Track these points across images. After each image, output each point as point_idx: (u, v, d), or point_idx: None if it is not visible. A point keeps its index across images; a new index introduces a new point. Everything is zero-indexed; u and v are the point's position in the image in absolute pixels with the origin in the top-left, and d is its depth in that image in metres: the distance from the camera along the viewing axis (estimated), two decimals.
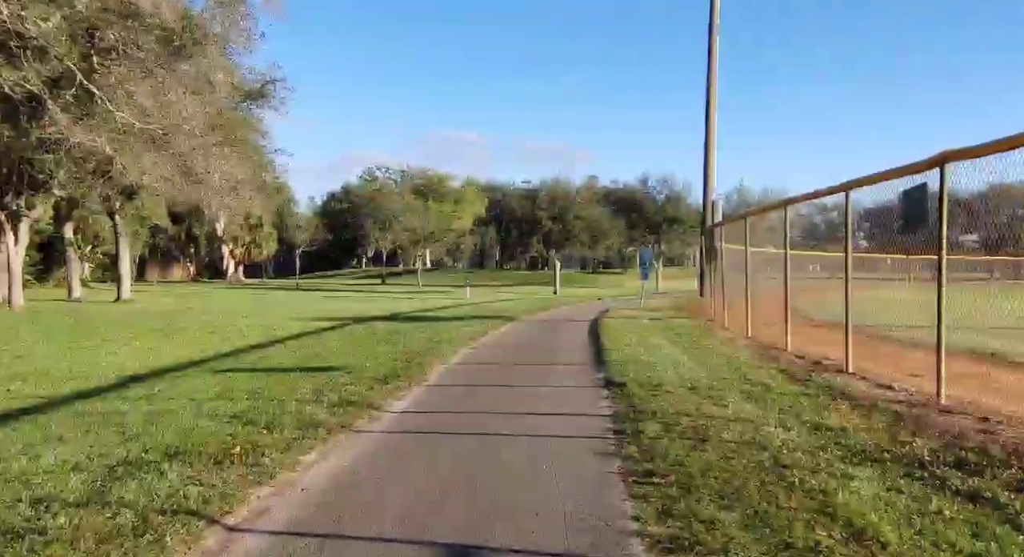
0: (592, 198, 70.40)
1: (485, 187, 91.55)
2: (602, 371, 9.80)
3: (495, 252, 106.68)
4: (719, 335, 14.28)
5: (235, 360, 12.07)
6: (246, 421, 6.65)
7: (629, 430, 5.97)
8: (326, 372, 9.96)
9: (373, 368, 10.22)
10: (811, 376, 8.61)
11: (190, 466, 5.15)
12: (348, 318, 21.67)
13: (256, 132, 29.17)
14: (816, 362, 9.92)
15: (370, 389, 8.48)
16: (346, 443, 6.06)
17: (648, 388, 7.92)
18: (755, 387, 7.92)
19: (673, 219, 65.56)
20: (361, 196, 75.87)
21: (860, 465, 4.79)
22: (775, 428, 5.83)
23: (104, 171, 19.49)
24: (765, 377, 8.64)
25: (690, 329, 15.58)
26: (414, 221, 60.98)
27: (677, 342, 13.06)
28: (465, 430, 6.47)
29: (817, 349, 11.27)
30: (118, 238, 29.48)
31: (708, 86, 32.12)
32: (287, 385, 8.78)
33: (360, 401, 7.70)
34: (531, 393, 8.34)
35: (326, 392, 8.26)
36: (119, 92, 13.78)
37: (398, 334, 15.48)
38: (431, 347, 12.74)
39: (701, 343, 12.84)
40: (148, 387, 9.00)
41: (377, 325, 18.35)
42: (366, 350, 12.50)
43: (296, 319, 21.66)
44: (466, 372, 10.37)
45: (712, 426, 5.93)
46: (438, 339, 14.16)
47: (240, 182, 20.79)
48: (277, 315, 23.89)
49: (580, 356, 11.91)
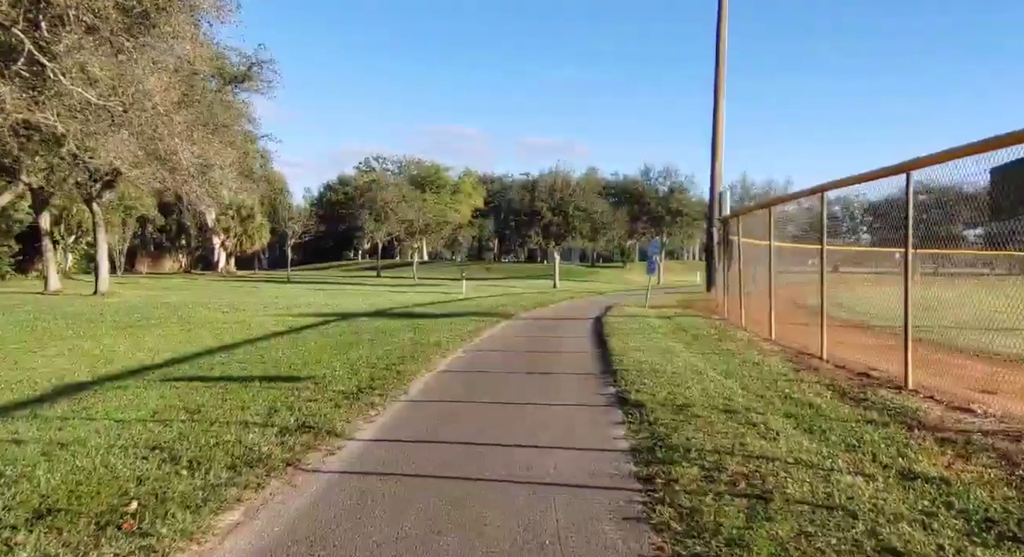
0: (593, 189, 68.76)
1: (483, 179, 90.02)
2: (612, 383, 8.37)
3: (493, 245, 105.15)
4: (739, 337, 12.86)
5: (194, 365, 10.64)
6: (167, 456, 5.23)
7: (659, 477, 4.53)
8: (291, 382, 8.54)
9: (346, 377, 8.80)
10: (865, 394, 7.17)
11: (56, 536, 3.73)
12: (333, 314, 20.24)
13: (242, 117, 27.67)
14: (862, 374, 8.49)
15: (336, 407, 7.06)
16: (286, 493, 4.63)
17: (672, 409, 6.49)
18: (802, 409, 6.49)
19: (676, 211, 63.89)
20: (357, 187, 74.32)
21: (999, 548, 3.36)
22: (852, 477, 4.41)
23: (74, 156, 18.02)
24: (810, 394, 7.21)
25: (705, 330, 14.16)
26: (410, 212, 59.41)
27: (693, 345, 11.64)
28: (444, 472, 5.03)
29: (857, 356, 9.85)
30: (96, 228, 27.98)
31: (716, 70, 30.63)
32: (239, 400, 7.35)
33: (320, 425, 6.27)
34: (528, 414, 6.90)
35: (282, 411, 6.84)
36: (71, 63, 12.32)
37: (383, 334, 14.05)
38: (416, 351, 11.31)
39: (721, 347, 11.41)
40: (74, 403, 7.55)
41: (362, 323, 16.91)
42: (343, 353, 11.08)
43: (277, 315, 20.22)
44: (453, 383, 8.94)
45: (768, 474, 4.50)
46: (426, 340, 12.73)
47: (210, 166, 19.30)
48: (259, 310, 22.45)
49: (585, 362, 10.48)
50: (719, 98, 30.62)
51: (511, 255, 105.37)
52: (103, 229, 28.02)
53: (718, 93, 30.60)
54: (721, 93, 30.66)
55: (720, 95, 30.66)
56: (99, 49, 12.42)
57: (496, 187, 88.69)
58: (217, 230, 63.66)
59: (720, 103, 30.66)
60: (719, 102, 30.62)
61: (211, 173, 21.68)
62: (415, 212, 59.43)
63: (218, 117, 24.49)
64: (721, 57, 30.53)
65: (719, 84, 30.54)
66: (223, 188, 25.26)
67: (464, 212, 75.74)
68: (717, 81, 30.58)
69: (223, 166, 24.54)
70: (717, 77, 30.57)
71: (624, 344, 11.81)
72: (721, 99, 30.67)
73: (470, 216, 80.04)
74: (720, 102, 30.66)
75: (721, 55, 30.52)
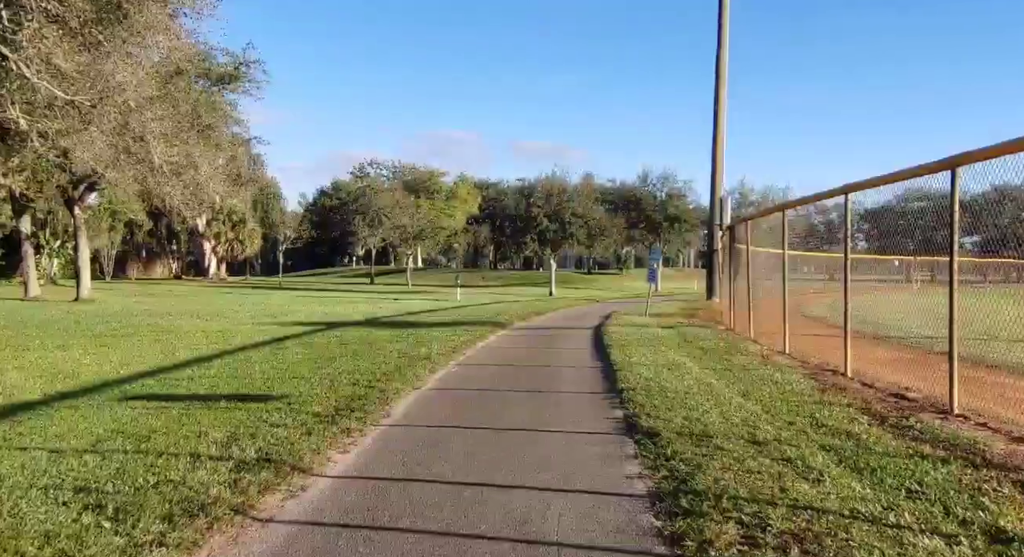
0: (589, 195, 67.82)
1: (479, 184, 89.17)
2: (619, 404, 7.51)
3: (488, 251, 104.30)
4: (750, 350, 12.01)
5: (161, 380, 9.74)
6: (93, 501, 4.36)
7: (688, 537, 3.66)
8: (262, 402, 7.67)
9: (323, 397, 7.93)
10: (907, 420, 6.32)
11: None
12: (321, 323, 19.35)
13: (228, 118, 26.78)
14: (896, 395, 7.65)
15: (307, 433, 6.18)
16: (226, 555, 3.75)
17: (691, 440, 5.63)
18: (841, 440, 5.63)
19: (674, 218, 62.99)
20: (351, 192, 73.40)
21: None
22: (929, 538, 3.55)
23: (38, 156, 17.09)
24: (844, 421, 6.35)
25: (712, 341, 13.32)
26: (403, 218, 58.46)
27: (703, 360, 10.78)
28: (425, 524, 4.16)
29: (881, 372, 9.03)
30: (77, 232, 27.04)
31: (716, 72, 29.89)
32: (198, 425, 6.48)
33: (284, 457, 5.41)
34: (526, 445, 6.03)
35: (243, 439, 5.96)
36: (33, 53, 11.43)
37: (370, 346, 13.18)
38: (404, 365, 10.44)
39: (733, 362, 10.56)
40: (10, 427, 6.67)
41: (349, 332, 16.02)
42: (324, 368, 10.21)
43: (262, 323, 19.31)
44: (442, 404, 8.07)
45: (823, 533, 3.64)
46: (415, 353, 11.86)
47: (188, 167, 18.38)
48: (243, 318, 21.55)
49: (587, 379, 9.62)
50: (720, 101, 29.88)
51: (507, 262, 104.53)
52: (84, 233, 27.07)
53: (719, 96, 29.86)
54: (722, 97, 29.92)
55: (721, 98, 29.92)
56: (65, 40, 11.57)
57: (492, 193, 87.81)
58: (208, 235, 62.57)
59: (721, 106, 29.92)
60: (720, 105, 29.88)
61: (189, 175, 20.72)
62: (409, 218, 58.49)
63: (203, 118, 23.61)
64: (722, 60, 29.80)
65: (720, 87, 29.82)
66: (211, 191, 24.34)
67: (459, 218, 74.77)
68: (718, 84, 29.85)
69: (208, 168, 23.66)
70: (717, 80, 29.85)
71: (627, 357, 10.96)
72: (722, 102, 29.93)
73: (465, 222, 79.15)
74: (721, 105, 29.91)
75: (722, 58, 29.80)
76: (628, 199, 66.14)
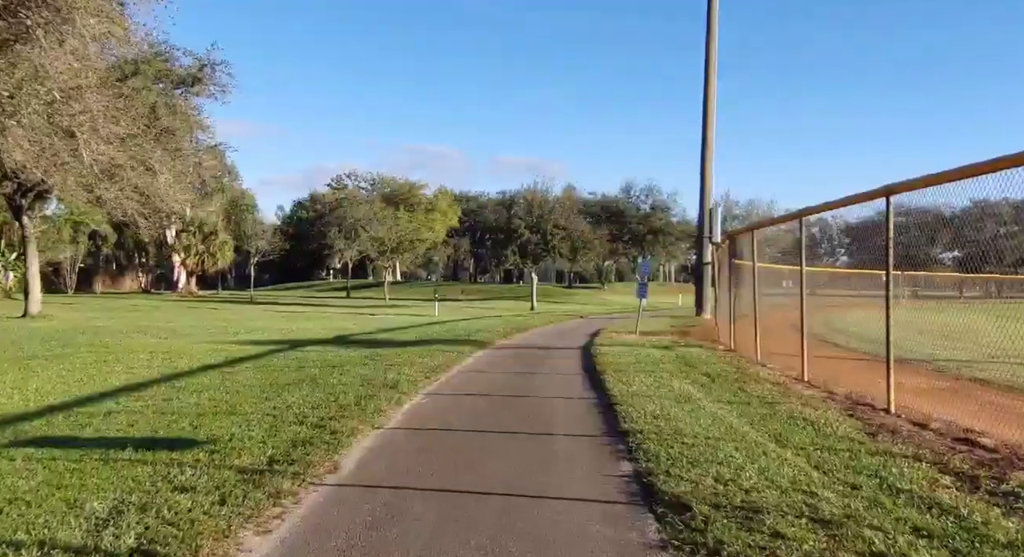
0: (572, 206, 66.31)
1: (459, 197, 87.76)
2: (626, 455, 6.02)
3: (469, 265, 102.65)
4: (762, 376, 10.59)
5: (72, 416, 8.10)
6: None
7: None
8: (180, 450, 6.11)
9: (258, 442, 6.39)
10: (1006, 483, 4.89)
11: None
12: (284, 342, 17.73)
13: (192, 123, 25.08)
14: (966, 441, 6.21)
15: (219, 502, 4.65)
16: None
17: (735, 518, 4.15)
18: (936, 518, 4.18)
19: (658, 230, 61.58)
20: (327, 204, 71.57)
21: None
22: None
23: None
24: (924, 484, 4.90)
25: (717, 365, 11.89)
26: (381, 230, 56.72)
27: (714, 390, 9.33)
28: None
29: (929, 406, 7.63)
30: (26, 243, 25.15)
31: (706, 72, 28.73)
32: (80, 489, 4.93)
33: (173, 549, 3.86)
34: (509, 525, 4.51)
35: (129, 513, 4.42)
36: None
37: (332, 369, 11.63)
38: (366, 395, 8.90)
39: (749, 392, 9.13)
40: None
41: (311, 353, 14.41)
42: (271, 400, 8.65)
43: (219, 342, 17.64)
44: (404, 451, 6.53)
45: None
46: (381, 379, 10.33)
47: (119, 166, 16.69)
48: (202, 336, 19.86)
49: (582, 416, 8.12)
50: (708, 106, 28.73)
51: (487, 275, 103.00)
52: (33, 244, 25.18)
53: (707, 100, 28.71)
54: (711, 100, 28.78)
55: (710, 101, 28.77)
56: None
57: (472, 205, 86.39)
58: (177, 248, 60.32)
59: (710, 112, 28.77)
60: (709, 111, 28.73)
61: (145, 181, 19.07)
62: (387, 230, 56.77)
63: (162, 120, 22.00)
64: (711, 61, 28.67)
65: (708, 89, 28.66)
66: (171, 201, 22.67)
67: (439, 230, 73.19)
68: (707, 85, 28.70)
69: (168, 175, 22.05)
70: (707, 80, 28.70)
71: (626, 386, 9.49)
72: (711, 107, 28.78)
73: (445, 235, 77.56)
74: (710, 110, 28.76)
75: (711, 58, 28.67)
76: (611, 211, 64.65)
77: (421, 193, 79.51)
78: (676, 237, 64.99)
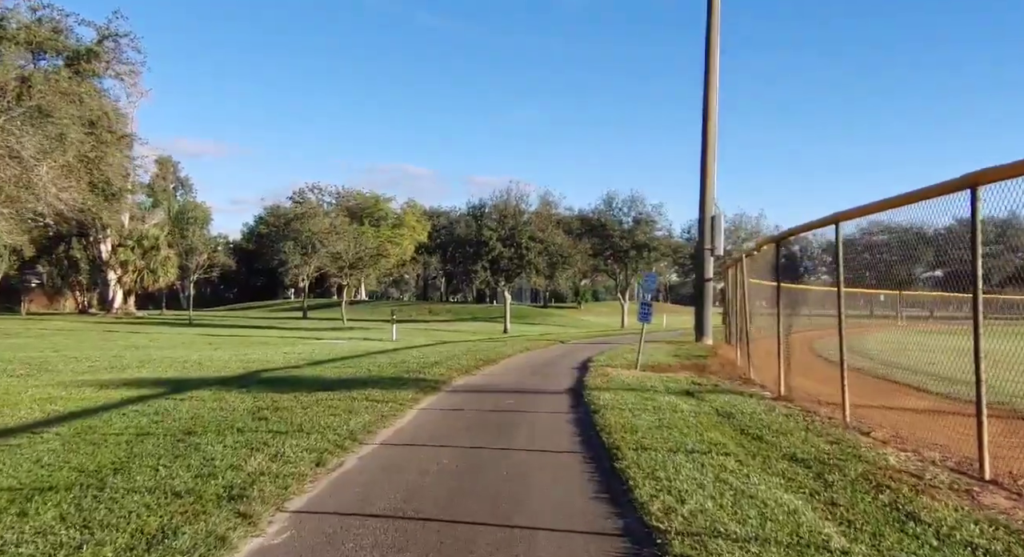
0: (549, 218, 61.63)
1: (429, 212, 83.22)
2: None
3: (440, 283, 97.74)
4: (892, 464, 6.30)
5: None
6: None
7: None
8: None
9: None
10: None
11: None
12: (169, 382, 13.19)
13: (84, 106, 20.47)
14: None
15: None
16: None
17: None
18: None
19: (642, 245, 57.25)
20: (282, 216, 66.52)
21: None
22: None
23: None
24: None
25: (794, 436, 7.54)
26: (339, 244, 51.90)
27: (815, 489, 5.05)
28: None
29: None
30: None
31: (707, 64, 24.84)
32: None
33: None
34: None
35: None
36: None
37: (194, 436, 7.23)
38: (247, 484, 4.55)
39: (881, 499, 4.84)
40: None
41: (184, 405, 9.83)
42: (113, 488, 4.23)
43: (86, 383, 13.02)
44: None
45: None
46: (280, 452, 6.04)
47: None
48: (72, 371, 15.24)
49: None
50: (709, 100, 24.80)
51: (460, 295, 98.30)
52: None
53: (708, 93, 24.78)
54: (712, 94, 24.85)
55: (711, 95, 24.84)
56: None
57: (443, 221, 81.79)
58: (113, 264, 54.85)
59: (711, 107, 24.83)
60: (709, 102, 24.79)
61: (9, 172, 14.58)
62: (345, 244, 51.97)
63: (34, 100, 17.46)
64: (712, 57, 24.79)
65: (710, 79, 24.75)
66: (49, 197, 18.09)
67: (406, 246, 68.46)
68: (707, 78, 24.78)
69: (47, 167, 17.58)
70: (707, 73, 24.78)
71: (671, 495, 5.16)
72: (712, 103, 24.85)
73: (413, 251, 72.81)
74: (711, 105, 24.83)
75: (712, 54, 24.79)
76: (591, 224, 60.15)
77: (388, 206, 74.80)
78: (663, 253, 60.91)
